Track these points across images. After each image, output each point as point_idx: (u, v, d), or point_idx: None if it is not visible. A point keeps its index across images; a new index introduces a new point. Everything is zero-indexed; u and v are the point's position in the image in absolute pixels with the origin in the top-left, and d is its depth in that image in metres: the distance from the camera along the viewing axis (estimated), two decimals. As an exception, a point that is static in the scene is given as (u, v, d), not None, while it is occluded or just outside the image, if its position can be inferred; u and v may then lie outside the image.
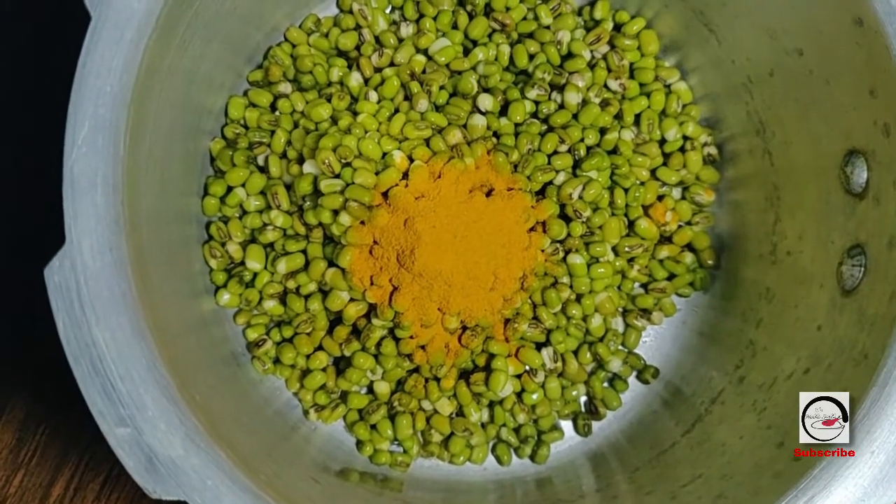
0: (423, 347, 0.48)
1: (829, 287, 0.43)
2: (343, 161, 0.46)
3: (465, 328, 0.48)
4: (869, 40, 0.39)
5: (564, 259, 0.50)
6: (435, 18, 0.52)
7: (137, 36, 0.37)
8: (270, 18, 0.51)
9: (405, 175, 0.46)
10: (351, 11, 0.52)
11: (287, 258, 0.49)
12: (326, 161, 0.45)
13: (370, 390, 0.51)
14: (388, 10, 0.54)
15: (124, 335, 0.35)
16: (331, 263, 0.48)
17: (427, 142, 0.48)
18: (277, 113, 0.51)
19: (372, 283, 0.46)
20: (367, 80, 0.51)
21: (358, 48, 0.52)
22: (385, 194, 0.46)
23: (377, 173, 0.45)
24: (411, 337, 0.47)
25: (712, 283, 0.53)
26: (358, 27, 0.53)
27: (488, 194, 0.47)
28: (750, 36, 0.48)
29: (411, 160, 0.46)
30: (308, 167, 0.47)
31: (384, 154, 0.47)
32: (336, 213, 0.46)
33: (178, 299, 0.44)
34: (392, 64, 0.51)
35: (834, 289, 0.43)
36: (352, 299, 0.47)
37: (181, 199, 0.47)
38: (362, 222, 0.45)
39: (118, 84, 0.36)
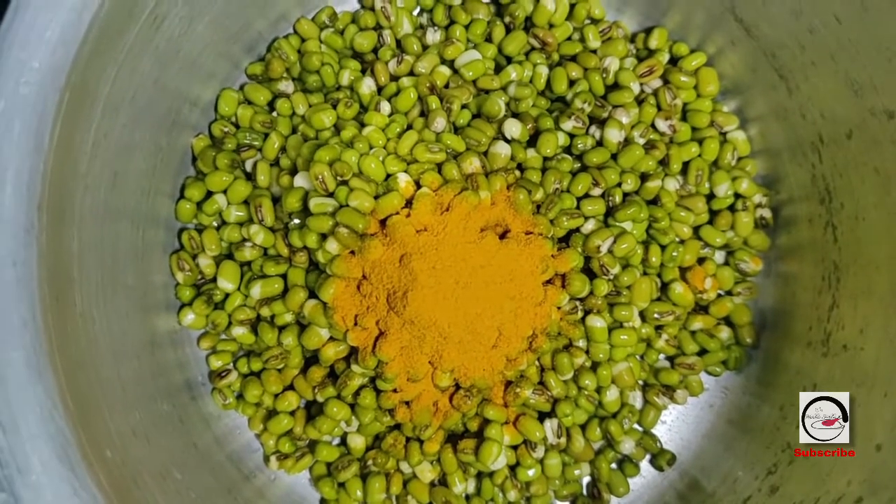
0: (407, 403, 0.44)
1: (896, 398, 0.38)
2: (339, 178, 0.41)
3: (458, 387, 0.44)
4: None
5: (583, 320, 0.46)
6: (467, 27, 0.49)
7: (81, 2, 0.31)
8: (278, 4, 0.47)
9: (408, 203, 0.43)
10: (373, 9, 0.48)
11: (263, 281, 0.44)
12: (320, 176, 0.41)
13: (343, 442, 0.47)
14: (415, 12, 0.50)
15: (16, 375, 0.29)
16: (312, 294, 0.43)
17: (439, 167, 0.44)
18: (275, 114, 0.47)
19: (356, 324, 0.42)
20: (380, 89, 0.48)
21: (375, 51, 0.49)
22: (383, 223, 0.42)
23: (376, 197, 0.42)
24: (395, 390, 0.43)
25: (748, 365, 0.49)
26: (378, 27, 0.49)
27: (502, 236, 0.44)
28: (829, 88, 0.43)
29: (418, 186, 0.43)
30: (299, 180, 0.43)
31: (387, 176, 0.43)
32: (324, 237, 0.41)
33: (121, 315, 0.39)
34: (411, 73, 0.48)
35: (902, 402, 0.37)
36: (331, 338, 0.43)
37: (145, 199, 0.42)
38: (352, 252, 0.41)
39: (50, 59, 0.30)
